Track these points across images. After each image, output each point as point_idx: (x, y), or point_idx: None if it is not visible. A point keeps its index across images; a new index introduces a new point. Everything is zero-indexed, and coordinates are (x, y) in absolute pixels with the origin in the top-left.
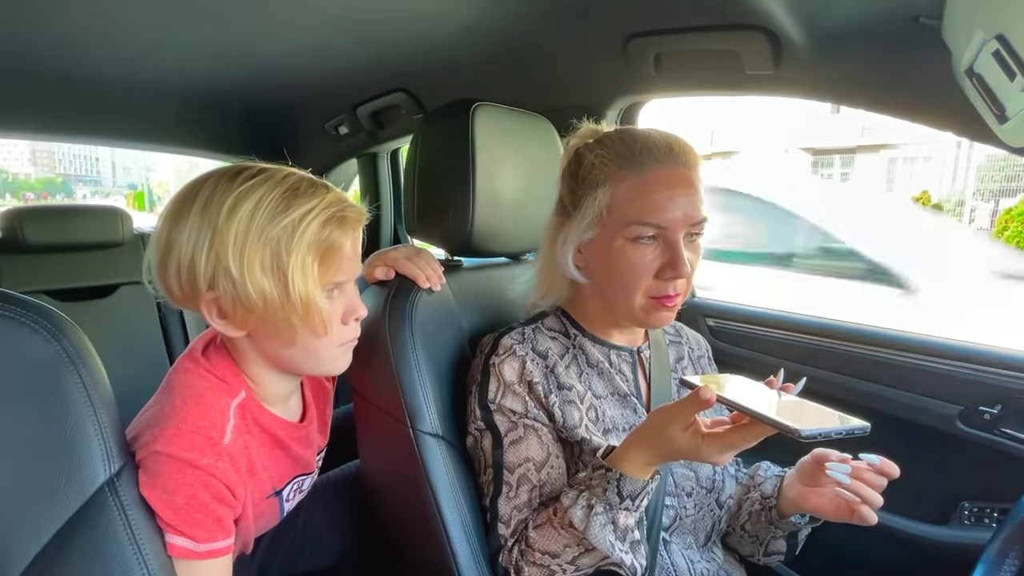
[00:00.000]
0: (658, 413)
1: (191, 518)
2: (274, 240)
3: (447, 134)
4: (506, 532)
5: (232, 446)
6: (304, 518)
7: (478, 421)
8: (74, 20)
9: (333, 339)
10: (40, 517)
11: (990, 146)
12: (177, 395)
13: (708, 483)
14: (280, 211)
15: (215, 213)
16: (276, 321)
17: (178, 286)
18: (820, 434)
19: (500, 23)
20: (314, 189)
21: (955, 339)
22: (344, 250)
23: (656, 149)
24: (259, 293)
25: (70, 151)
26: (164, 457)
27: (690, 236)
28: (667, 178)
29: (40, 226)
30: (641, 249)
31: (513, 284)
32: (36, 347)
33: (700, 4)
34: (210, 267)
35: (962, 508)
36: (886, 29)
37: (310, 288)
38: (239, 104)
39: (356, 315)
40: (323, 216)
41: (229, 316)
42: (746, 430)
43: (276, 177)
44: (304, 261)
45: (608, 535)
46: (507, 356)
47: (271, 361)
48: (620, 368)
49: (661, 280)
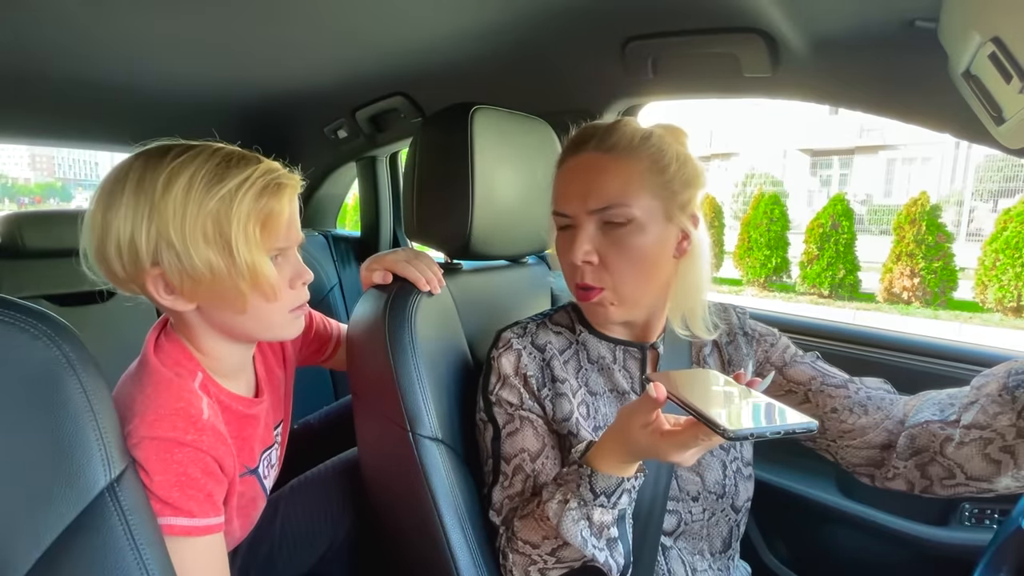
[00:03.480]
0: (623, 411)
1: (185, 494)
2: (213, 212)
3: (446, 137)
4: (497, 520)
5: (211, 421)
6: (282, 521)
7: (481, 412)
8: (75, 26)
9: (283, 303)
10: (40, 523)
11: (988, 147)
12: (147, 384)
13: (717, 488)
14: (215, 182)
15: (150, 190)
16: (225, 289)
17: (120, 266)
18: (752, 433)
19: (498, 27)
20: (246, 160)
21: (957, 341)
22: (284, 216)
23: (579, 136)
24: (205, 263)
25: (69, 156)
26: (149, 440)
27: (609, 226)
28: (574, 165)
29: (39, 232)
30: (561, 236)
31: (529, 280)
32: (36, 353)
33: (698, 7)
34: (151, 242)
35: (963, 509)
36: (883, 32)
37: (255, 255)
38: (237, 108)
39: (302, 279)
40: (259, 184)
41: (177, 290)
42: (698, 428)
43: (207, 151)
44: (247, 229)
45: (581, 530)
46: (505, 349)
47: (222, 331)
48: (624, 364)
49: (572, 267)
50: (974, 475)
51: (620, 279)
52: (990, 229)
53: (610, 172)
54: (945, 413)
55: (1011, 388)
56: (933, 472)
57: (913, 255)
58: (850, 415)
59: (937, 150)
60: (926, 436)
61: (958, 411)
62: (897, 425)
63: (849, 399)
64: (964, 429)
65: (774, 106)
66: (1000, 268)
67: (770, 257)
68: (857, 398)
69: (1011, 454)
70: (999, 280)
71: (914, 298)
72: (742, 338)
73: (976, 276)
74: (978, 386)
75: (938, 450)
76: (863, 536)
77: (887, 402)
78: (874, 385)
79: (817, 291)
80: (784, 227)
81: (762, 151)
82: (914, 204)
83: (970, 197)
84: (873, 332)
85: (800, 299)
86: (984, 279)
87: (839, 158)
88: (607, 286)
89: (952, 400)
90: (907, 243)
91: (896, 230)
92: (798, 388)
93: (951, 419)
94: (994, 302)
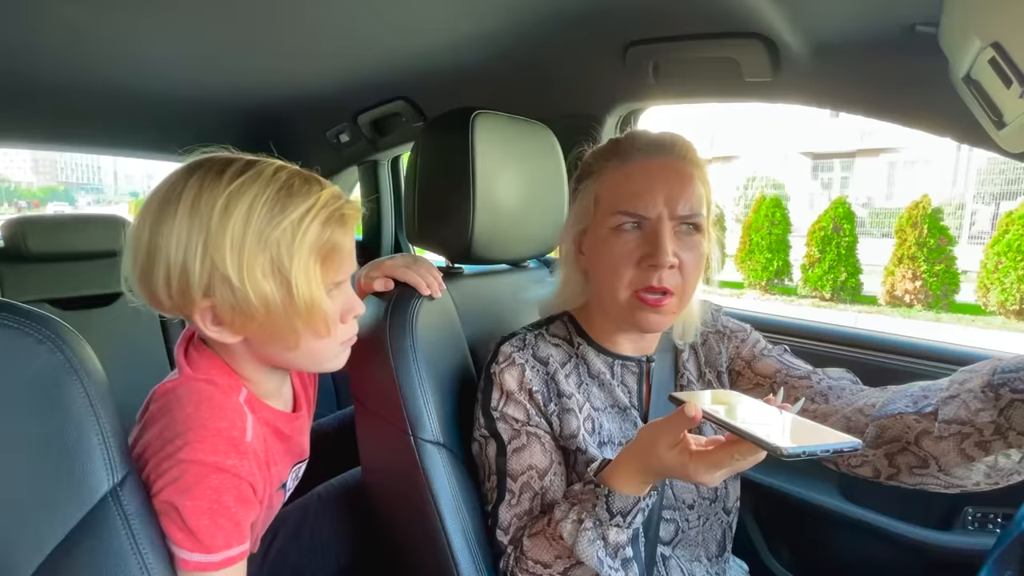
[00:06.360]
0: (647, 429)
1: (215, 523)
2: (274, 243)
3: (447, 142)
4: (505, 539)
5: (254, 442)
6: (311, 528)
7: (482, 428)
8: (78, 31)
9: (335, 339)
10: (43, 527)
11: (989, 151)
12: (187, 403)
13: (710, 493)
14: (277, 212)
15: (206, 215)
16: (278, 325)
17: (167, 295)
18: (804, 451)
19: (500, 32)
20: (308, 187)
21: (959, 344)
22: (345, 249)
23: (642, 141)
24: (261, 299)
25: (72, 160)
26: (188, 464)
27: (685, 231)
28: (649, 167)
29: (42, 235)
30: (622, 237)
31: (531, 284)
32: (39, 357)
33: (698, 12)
34: (205, 274)
35: (966, 513)
36: (883, 37)
37: (314, 291)
38: (240, 112)
39: (354, 313)
40: (323, 215)
41: (226, 323)
42: (733, 448)
43: (267, 173)
44: (307, 264)
45: (597, 551)
46: (507, 364)
47: (265, 362)
48: (623, 379)
49: (642, 270)
50: (947, 468)
51: (689, 285)
52: (992, 232)
53: (697, 181)
54: (919, 405)
55: (995, 385)
56: (902, 461)
57: (915, 258)
58: (811, 404)
59: (939, 153)
60: (899, 427)
61: (935, 404)
62: (856, 413)
63: (811, 389)
64: (944, 424)
65: (775, 109)
66: (1002, 271)
67: (772, 260)
68: (819, 388)
69: (985, 451)
70: (1001, 283)
71: (916, 301)
72: (714, 336)
73: (978, 279)
74: (960, 381)
75: (912, 441)
76: (865, 540)
77: (848, 391)
78: (836, 375)
79: (819, 294)
80: (785, 230)
81: (763, 154)
82: (916, 207)
83: (972, 200)
84: (842, 330)
85: (802, 302)
86: (986, 282)
87: (840, 161)
88: (677, 292)
89: (926, 393)
90: (909, 246)
91: (898, 233)
92: (764, 381)
93: (926, 411)
94: (996, 305)
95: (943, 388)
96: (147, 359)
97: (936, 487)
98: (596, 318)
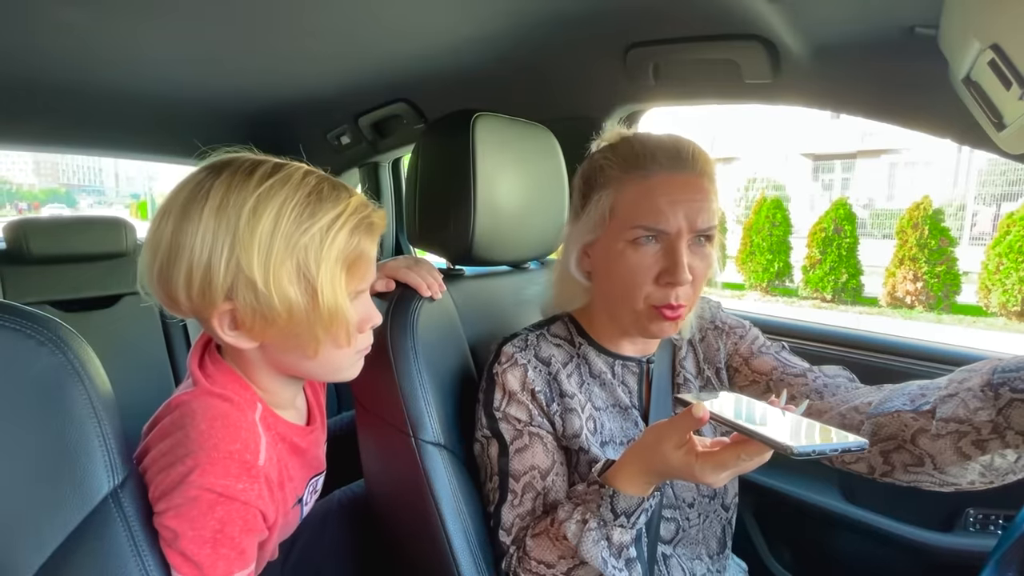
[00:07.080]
0: (653, 430)
1: (216, 552)
2: (302, 249)
3: (448, 144)
4: (507, 539)
5: (267, 465)
6: (332, 533)
7: (484, 429)
8: (78, 35)
9: (352, 348)
10: (43, 528)
11: (989, 153)
12: (200, 419)
13: (709, 491)
14: (306, 217)
15: (233, 216)
16: (299, 332)
17: (187, 296)
18: (814, 451)
19: (500, 34)
20: (337, 193)
21: (960, 346)
22: (370, 257)
23: (662, 154)
24: (285, 305)
25: (73, 162)
26: (196, 489)
27: (697, 243)
28: (670, 183)
29: (44, 237)
30: (641, 251)
31: (531, 286)
32: (41, 359)
33: (698, 14)
34: (229, 276)
35: (967, 515)
36: (883, 39)
37: (339, 298)
38: (241, 114)
39: (372, 323)
40: (351, 223)
41: (244, 328)
42: (739, 448)
43: (296, 177)
44: (334, 271)
45: (601, 551)
46: (509, 365)
47: (281, 371)
48: (624, 380)
49: (660, 286)
50: (942, 466)
51: (698, 292)
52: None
53: (712, 195)
54: (917, 403)
55: (995, 385)
56: (898, 459)
57: (916, 259)
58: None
59: (940, 154)
60: (896, 425)
61: (933, 403)
62: (851, 411)
63: (807, 386)
64: (941, 422)
65: (776, 110)
66: (1004, 272)
67: (772, 261)
68: (814, 385)
69: (982, 450)
70: (1003, 284)
71: (917, 302)
72: (712, 332)
73: (980, 280)
74: (959, 380)
75: (908, 439)
76: (866, 541)
77: (843, 389)
78: (832, 373)
79: (820, 295)
80: (786, 231)
81: (764, 156)
82: (917, 208)
83: (973, 201)
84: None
85: (803, 303)
86: (988, 283)
87: (841, 162)
88: (689, 304)
89: (924, 391)
90: (910, 247)
91: (899, 234)
92: (760, 378)
93: (924, 409)
94: (998, 306)
95: (942, 387)
96: (148, 361)
97: (930, 485)
98: (598, 320)
